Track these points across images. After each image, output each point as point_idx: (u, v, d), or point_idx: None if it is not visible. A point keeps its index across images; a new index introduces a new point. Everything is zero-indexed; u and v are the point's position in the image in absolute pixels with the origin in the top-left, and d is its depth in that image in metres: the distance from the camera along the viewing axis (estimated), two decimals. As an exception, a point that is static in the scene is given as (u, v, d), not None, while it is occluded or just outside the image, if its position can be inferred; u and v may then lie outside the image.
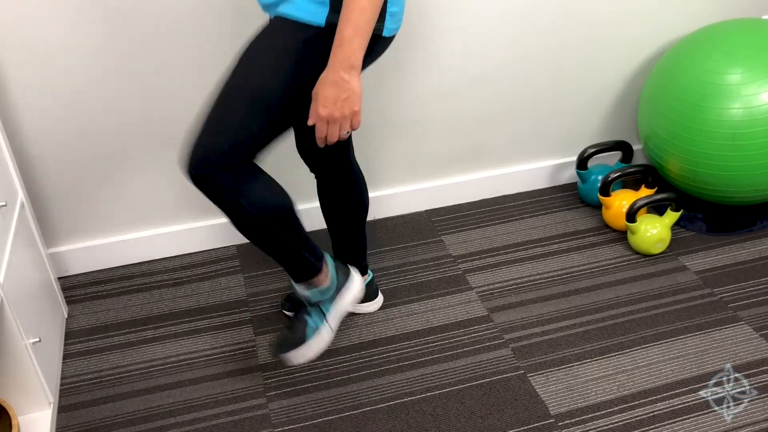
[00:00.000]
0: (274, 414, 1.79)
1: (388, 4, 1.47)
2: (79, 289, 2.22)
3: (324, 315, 1.77)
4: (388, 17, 1.48)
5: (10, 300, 1.61)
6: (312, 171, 1.81)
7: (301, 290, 1.75)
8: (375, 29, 1.44)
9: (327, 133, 1.44)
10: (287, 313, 2.06)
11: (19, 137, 2.03)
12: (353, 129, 1.44)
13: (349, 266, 1.86)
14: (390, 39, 1.54)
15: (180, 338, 2.03)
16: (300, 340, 1.76)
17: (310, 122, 1.44)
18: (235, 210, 1.53)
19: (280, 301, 2.09)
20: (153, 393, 1.87)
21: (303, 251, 1.67)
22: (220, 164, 1.47)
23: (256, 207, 1.53)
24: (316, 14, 1.43)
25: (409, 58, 2.20)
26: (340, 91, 1.39)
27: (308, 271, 1.72)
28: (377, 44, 1.50)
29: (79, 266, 2.27)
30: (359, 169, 1.83)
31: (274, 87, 1.46)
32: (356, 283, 1.82)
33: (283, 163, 2.27)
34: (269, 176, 1.58)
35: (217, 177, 1.48)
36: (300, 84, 1.47)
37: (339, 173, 1.78)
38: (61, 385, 1.90)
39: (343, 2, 1.35)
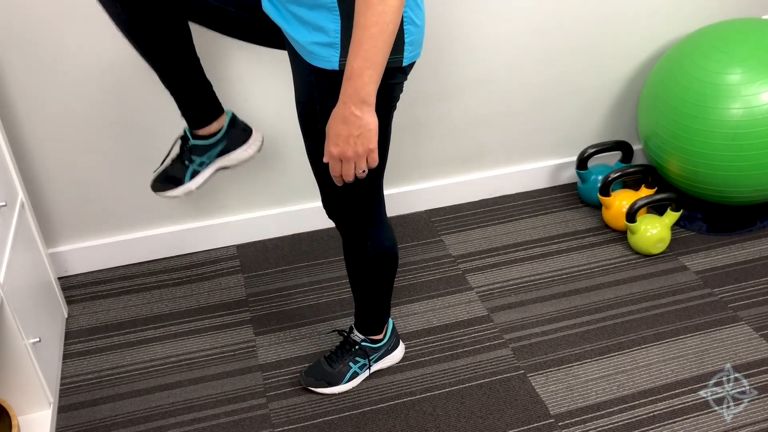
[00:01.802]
0: (274, 414, 1.79)
1: (406, 34, 1.35)
2: (79, 289, 2.22)
3: (369, 366, 1.85)
4: (407, 47, 1.37)
5: (10, 300, 1.61)
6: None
7: (358, 336, 1.82)
8: (394, 61, 1.35)
9: (341, 172, 1.34)
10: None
11: (19, 137, 2.03)
12: (370, 167, 1.33)
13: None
14: (411, 65, 1.43)
15: (180, 338, 2.03)
16: (336, 380, 1.82)
17: (324, 160, 1.35)
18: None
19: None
20: (153, 393, 1.87)
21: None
22: (358, 225, 1.60)
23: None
24: (327, 60, 1.34)
25: (409, 58, 2.20)
26: (351, 127, 1.28)
27: (377, 327, 1.80)
28: (399, 73, 1.39)
29: (79, 266, 2.27)
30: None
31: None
32: (400, 351, 1.90)
33: (274, 163, 2.27)
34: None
35: (348, 226, 1.61)
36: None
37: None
38: (61, 385, 1.90)
39: (353, 29, 1.22)
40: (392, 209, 2.46)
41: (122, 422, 1.79)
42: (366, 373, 1.85)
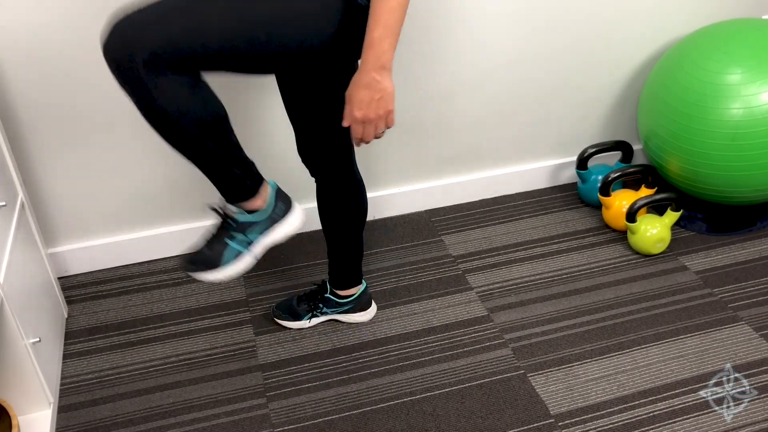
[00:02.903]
0: (274, 414, 1.79)
1: None
2: (79, 289, 2.22)
3: (249, 242, 1.62)
4: None
5: (10, 300, 1.61)
6: (312, 175, 1.79)
7: (230, 209, 1.60)
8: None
9: (363, 134, 1.44)
10: (279, 321, 2.04)
11: (19, 137, 2.03)
12: (388, 127, 1.45)
13: (293, 200, 1.82)
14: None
15: (180, 338, 2.03)
16: (214, 263, 1.59)
17: (345, 124, 1.45)
18: (149, 104, 1.34)
19: (272, 308, 2.07)
20: (153, 393, 1.87)
21: (234, 168, 1.51)
22: (152, 50, 1.29)
23: (177, 108, 1.35)
24: None
25: (409, 59, 2.20)
26: (373, 92, 1.39)
27: (240, 192, 1.56)
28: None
29: (79, 266, 2.27)
30: (360, 175, 1.80)
31: (272, 25, 1.36)
32: (296, 217, 1.68)
33: (279, 164, 2.27)
34: (205, 82, 1.41)
35: (139, 59, 1.29)
36: (297, 39, 1.38)
37: (340, 178, 1.75)
38: (61, 385, 1.90)
39: (371, 3, 1.35)
40: (392, 209, 2.46)
41: (122, 422, 1.79)
42: (251, 253, 1.63)
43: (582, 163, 2.44)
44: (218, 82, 2.07)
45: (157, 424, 1.78)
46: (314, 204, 2.37)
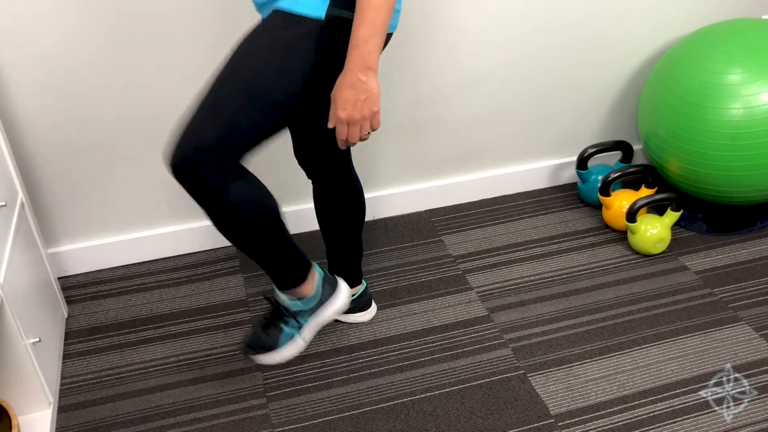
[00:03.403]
0: (274, 414, 1.79)
1: (398, 1, 1.45)
2: (79, 289, 2.22)
3: (300, 326, 1.75)
4: (395, 14, 1.47)
5: (10, 300, 1.61)
6: (309, 177, 1.78)
7: (283, 298, 1.73)
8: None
9: (348, 136, 1.42)
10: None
11: (19, 137, 2.03)
12: (373, 129, 1.42)
13: (338, 278, 1.82)
14: (390, 35, 1.53)
15: (180, 338, 2.03)
16: (272, 347, 1.74)
17: (330, 125, 1.43)
18: (216, 209, 1.47)
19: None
20: (153, 393, 1.87)
21: (288, 258, 1.63)
22: (207, 158, 1.40)
23: (241, 207, 1.47)
24: (315, 8, 1.39)
25: (408, 58, 2.20)
26: (358, 92, 1.37)
27: (293, 279, 1.69)
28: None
29: (79, 266, 2.27)
30: (357, 175, 1.81)
31: (271, 83, 1.41)
32: (342, 296, 1.80)
33: (277, 164, 2.27)
34: (255, 177, 1.53)
35: (201, 172, 1.41)
36: (297, 82, 1.43)
37: (337, 179, 1.75)
38: (61, 385, 1.90)
39: (357, 2, 1.33)
40: (392, 209, 2.46)
41: (122, 422, 1.79)
42: (302, 336, 1.76)
43: (582, 163, 2.44)
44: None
45: (157, 424, 1.78)
46: (311, 205, 2.37)
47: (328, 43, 1.41)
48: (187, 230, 2.30)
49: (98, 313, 2.13)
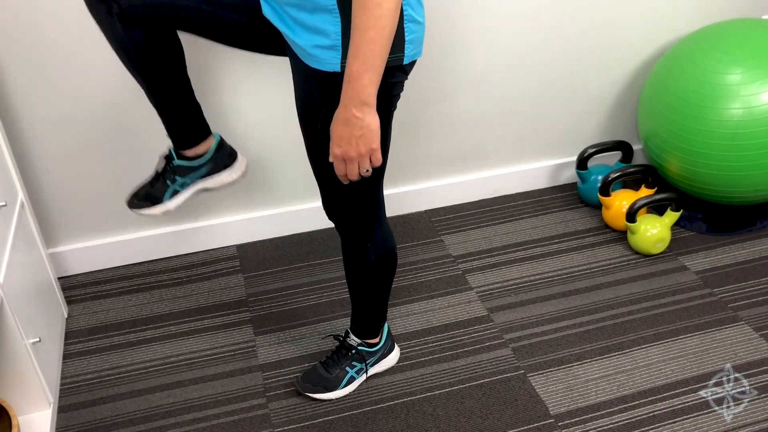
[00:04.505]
0: (274, 414, 1.79)
1: (406, 33, 1.35)
2: (79, 289, 2.22)
3: (366, 370, 1.85)
4: (407, 45, 1.37)
5: (10, 300, 1.61)
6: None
7: (354, 340, 1.83)
8: (395, 59, 1.35)
9: (346, 172, 1.37)
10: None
11: (19, 137, 2.03)
12: (374, 166, 1.36)
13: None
14: (412, 64, 1.43)
15: (180, 338, 2.03)
16: (333, 385, 1.82)
17: (329, 160, 1.38)
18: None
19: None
20: (153, 393, 1.87)
21: (383, 310, 1.75)
22: (358, 225, 1.59)
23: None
24: (329, 63, 1.35)
25: (409, 58, 2.20)
26: (353, 128, 1.30)
27: (373, 330, 1.81)
28: (399, 72, 1.40)
29: (79, 266, 2.27)
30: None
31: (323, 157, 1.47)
32: (395, 354, 1.90)
33: (273, 165, 2.27)
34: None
35: (347, 227, 1.60)
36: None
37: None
38: (61, 385, 1.90)
39: (351, 34, 1.24)
40: (392, 209, 2.46)
41: (122, 422, 1.79)
42: (363, 378, 1.85)
43: (582, 163, 2.44)
44: (215, 81, 2.07)
45: (157, 424, 1.78)
46: (315, 204, 2.37)
47: (332, 97, 1.37)
48: (187, 230, 2.30)
49: (98, 313, 2.13)
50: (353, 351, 1.82)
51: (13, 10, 1.86)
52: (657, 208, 2.42)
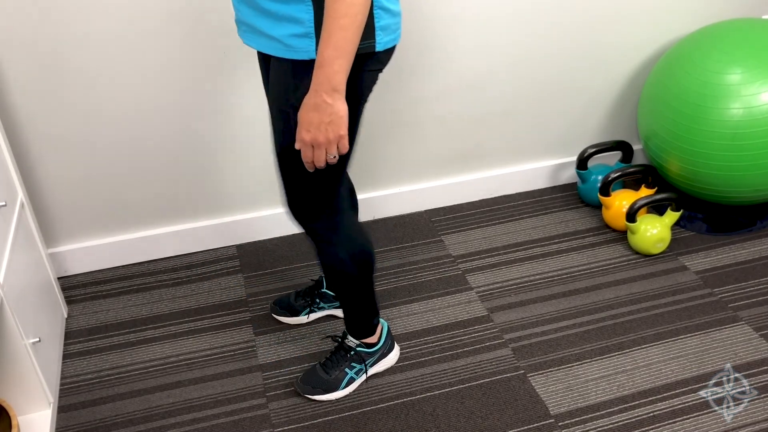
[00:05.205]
0: (274, 414, 1.79)
1: (376, 19, 1.37)
2: (79, 289, 2.22)
3: (365, 371, 1.85)
4: (378, 32, 1.39)
5: (10, 300, 1.61)
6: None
7: (352, 341, 1.84)
8: (366, 47, 1.38)
9: (314, 158, 1.38)
10: (278, 317, 2.05)
11: (19, 137, 2.03)
12: (341, 153, 1.38)
13: (395, 340, 1.94)
14: (390, 50, 1.45)
15: (180, 338, 2.03)
16: (333, 387, 1.82)
17: (296, 146, 1.39)
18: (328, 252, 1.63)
19: (270, 304, 2.08)
20: (153, 393, 1.87)
21: (371, 304, 1.76)
22: (322, 219, 1.59)
23: (348, 251, 1.63)
24: (305, 51, 1.37)
25: (409, 58, 2.20)
26: (322, 114, 1.32)
27: (368, 329, 1.82)
28: (372, 60, 1.42)
29: (79, 266, 2.27)
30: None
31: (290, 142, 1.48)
32: (395, 354, 1.91)
33: (272, 165, 2.27)
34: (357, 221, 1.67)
35: (312, 224, 1.60)
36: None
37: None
38: (61, 385, 1.90)
39: (324, 20, 1.27)
40: (392, 209, 2.46)
41: (122, 422, 1.79)
42: (363, 378, 1.85)
43: (582, 163, 2.44)
44: (214, 83, 2.07)
45: (157, 424, 1.78)
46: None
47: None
48: (187, 230, 2.30)
49: (98, 313, 2.13)
50: (352, 352, 1.83)
51: (14, 10, 1.85)
52: (657, 208, 2.42)
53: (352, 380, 1.83)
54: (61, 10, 1.89)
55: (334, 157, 1.38)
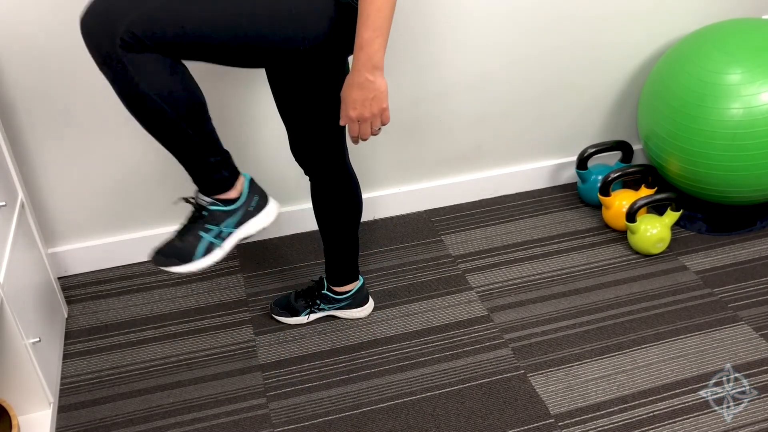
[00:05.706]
0: (274, 414, 1.79)
1: None
2: (79, 289, 2.22)
3: (223, 235, 1.59)
4: None
5: (10, 300, 1.61)
6: (306, 173, 1.80)
7: (204, 199, 1.58)
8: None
9: (360, 132, 1.49)
10: (277, 318, 2.05)
11: (19, 137, 2.03)
12: (384, 124, 1.49)
13: (268, 194, 1.80)
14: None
15: (180, 338, 2.03)
16: (187, 256, 1.57)
17: (342, 123, 1.49)
18: (129, 87, 1.34)
19: (270, 304, 2.08)
20: (153, 393, 1.87)
21: (210, 157, 1.50)
22: (131, 29, 1.30)
23: (157, 92, 1.36)
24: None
25: (409, 58, 2.20)
26: (366, 92, 1.43)
27: (215, 183, 1.55)
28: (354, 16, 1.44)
29: (79, 266, 2.27)
30: (353, 171, 1.82)
31: (263, 18, 1.38)
32: (271, 209, 1.67)
33: (272, 165, 2.27)
34: (184, 67, 1.40)
35: (117, 44, 1.31)
36: (293, 38, 1.41)
37: (334, 174, 1.77)
38: (61, 385, 1.90)
39: (360, 4, 1.36)
40: (392, 209, 2.46)
41: (122, 422, 1.79)
42: (228, 244, 1.61)
43: (582, 163, 2.44)
44: (211, 82, 2.07)
45: (157, 424, 1.78)
46: (307, 206, 2.37)
47: (332, 25, 1.42)
48: (187, 230, 2.30)
49: (98, 313, 2.13)
50: (204, 212, 1.58)
51: (14, 9, 1.85)
52: (657, 208, 2.42)
53: (211, 246, 1.58)
54: (64, 11, 1.89)
55: (379, 129, 1.49)
